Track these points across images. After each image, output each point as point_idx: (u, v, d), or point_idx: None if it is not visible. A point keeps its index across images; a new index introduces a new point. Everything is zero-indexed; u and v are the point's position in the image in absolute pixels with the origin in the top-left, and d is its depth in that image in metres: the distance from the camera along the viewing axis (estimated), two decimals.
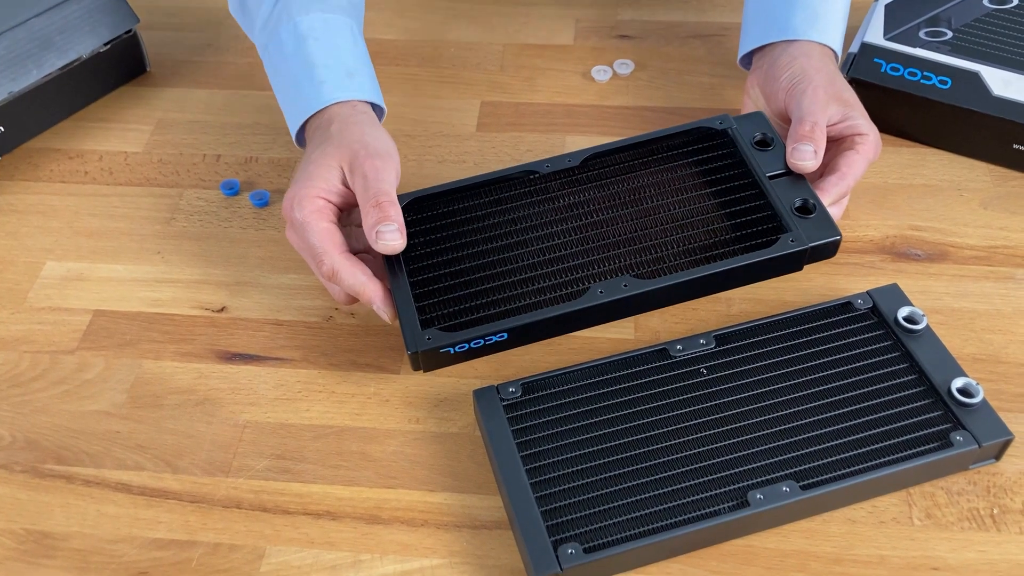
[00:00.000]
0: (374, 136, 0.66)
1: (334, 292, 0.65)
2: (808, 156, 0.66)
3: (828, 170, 0.68)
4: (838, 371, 0.61)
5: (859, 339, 0.63)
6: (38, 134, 0.84)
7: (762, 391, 0.60)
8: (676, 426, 0.58)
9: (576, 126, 0.83)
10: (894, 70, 0.78)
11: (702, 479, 0.56)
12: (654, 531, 0.54)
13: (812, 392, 0.60)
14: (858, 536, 0.57)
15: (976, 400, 0.58)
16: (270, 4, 0.72)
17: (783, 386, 0.60)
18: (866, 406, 0.59)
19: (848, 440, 0.57)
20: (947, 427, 0.58)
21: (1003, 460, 0.60)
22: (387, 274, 0.65)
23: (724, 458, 0.57)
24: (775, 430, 0.58)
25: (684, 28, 0.92)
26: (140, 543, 0.58)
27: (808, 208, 0.65)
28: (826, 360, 0.61)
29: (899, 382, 0.60)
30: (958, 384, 0.59)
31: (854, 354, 0.62)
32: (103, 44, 0.85)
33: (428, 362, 0.62)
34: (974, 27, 0.80)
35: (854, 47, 0.80)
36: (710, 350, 0.62)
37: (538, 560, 0.53)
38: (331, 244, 0.63)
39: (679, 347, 0.62)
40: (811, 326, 0.63)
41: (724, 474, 0.56)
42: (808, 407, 0.59)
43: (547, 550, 0.53)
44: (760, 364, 0.61)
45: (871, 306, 0.64)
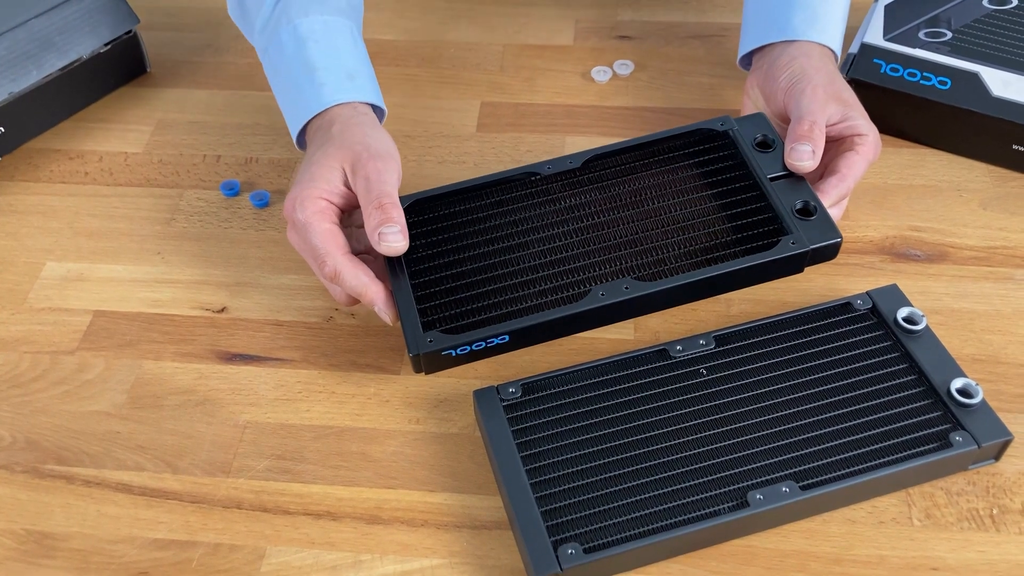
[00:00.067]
0: (375, 137, 0.66)
1: (335, 293, 0.65)
2: (806, 156, 0.66)
3: (828, 171, 0.68)
4: (838, 371, 0.61)
5: (859, 340, 0.63)
6: (38, 135, 0.84)
7: (762, 392, 0.60)
8: (676, 426, 0.59)
9: (576, 127, 0.83)
10: (894, 71, 0.78)
11: (702, 479, 0.56)
12: (654, 531, 0.54)
13: (812, 392, 0.60)
14: (858, 536, 0.57)
15: (975, 401, 0.58)
16: (269, 7, 0.72)
17: (783, 387, 0.60)
18: (866, 406, 0.59)
19: (848, 440, 0.57)
20: (946, 427, 0.58)
21: (1002, 460, 0.60)
22: (388, 276, 0.65)
23: (724, 458, 0.57)
24: (775, 430, 0.58)
25: (684, 29, 0.92)
26: (140, 543, 0.58)
27: (809, 210, 0.65)
28: (826, 361, 0.61)
29: (899, 382, 0.60)
30: (957, 384, 0.59)
31: (854, 355, 0.62)
32: (103, 45, 0.85)
33: (430, 364, 0.62)
34: (974, 28, 0.80)
35: (854, 47, 0.80)
36: (710, 351, 0.62)
37: (538, 560, 0.53)
38: (333, 245, 0.63)
39: (679, 347, 0.62)
40: (811, 327, 0.63)
41: (724, 474, 0.56)
42: (808, 407, 0.59)
43: (547, 550, 0.53)
44: (760, 365, 0.61)
45: (871, 307, 0.64)
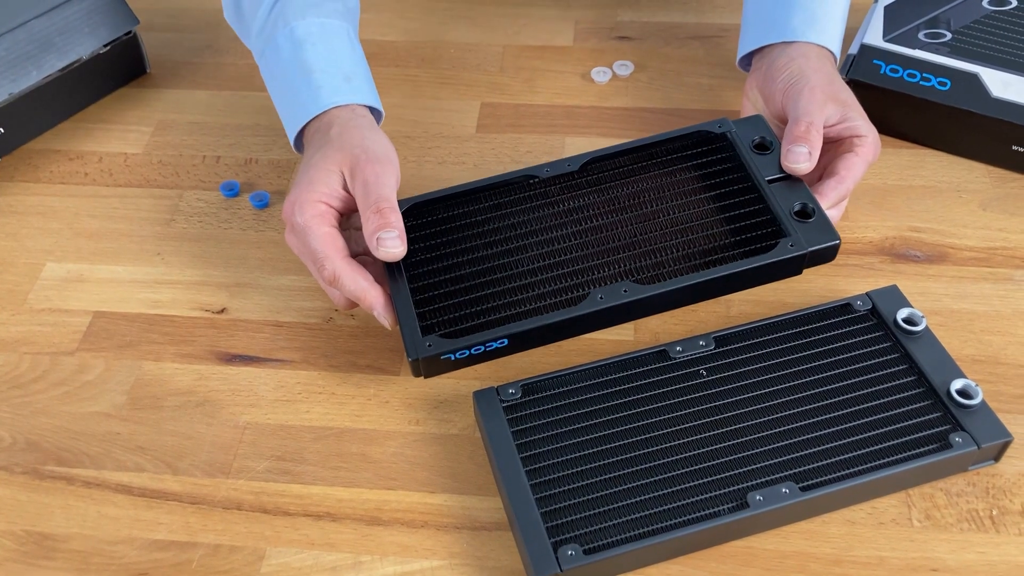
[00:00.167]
0: (374, 140, 0.66)
1: (334, 297, 0.65)
2: (802, 158, 0.66)
3: (827, 173, 0.68)
4: (837, 372, 0.61)
5: (858, 340, 0.63)
6: (38, 135, 0.84)
7: (762, 392, 0.60)
8: (676, 427, 0.59)
9: (576, 127, 0.83)
10: (893, 71, 0.78)
11: (702, 480, 0.56)
12: (654, 532, 0.54)
13: (811, 393, 0.60)
14: (857, 537, 0.57)
15: (975, 401, 0.58)
16: (266, 10, 0.72)
17: (783, 387, 0.60)
18: (865, 407, 0.59)
19: (847, 441, 0.57)
20: (946, 428, 0.58)
21: (1002, 461, 0.60)
22: (387, 279, 0.64)
23: (724, 459, 0.57)
24: (775, 431, 0.58)
25: (683, 29, 0.92)
26: (140, 544, 0.58)
27: (807, 212, 0.65)
28: (825, 361, 0.62)
29: (898, 383, 0.60)
30: (957, 385, 0.59)
31: (853, 355, 0.62)
32: (103, 45, 0.85)
33: (429, 368, 0.62)
34: (973, 29, 0.80)
35: (853, 48, 0.80)
36: (709, 351, 0.62)
37: (538, 561, 0.53)
38: (332, 249, 0.63)
39: (679, 348, 0.62)
40: (810, 328, 0.63)
41: (724, 475, 0.56)
42: (808, 408, 0.59)
43: (547, 551, 0.53)
44: (760, 366, 0.61)
45: (870, 307, 0.64)
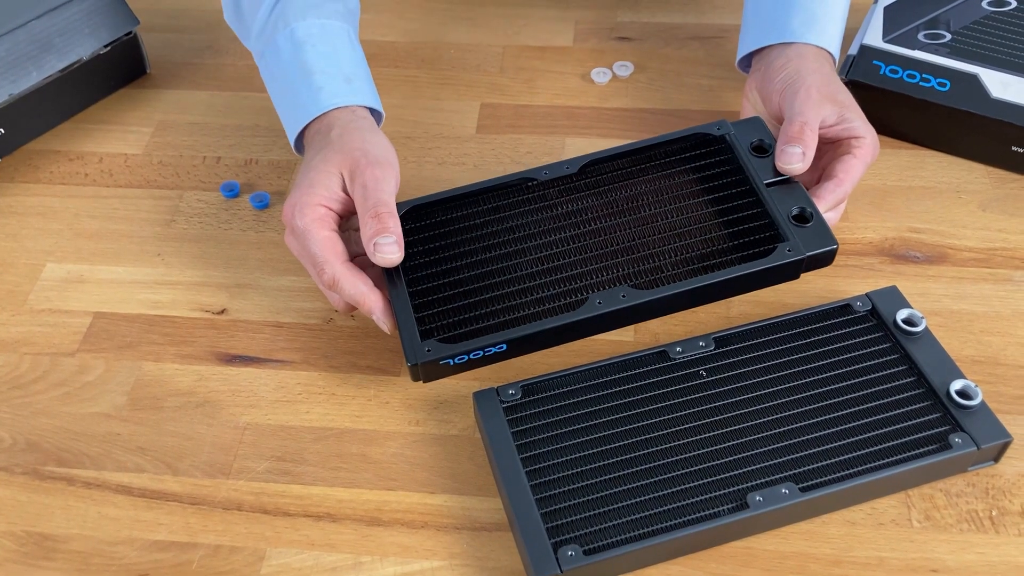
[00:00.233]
0: (374, 143, 0.66)
1: (334, 300, 0.65)
2: (795, 159, 0.66)
3: (825, 175, 0.68)
4: (837, 373, 0.61)
5: (858, 341, 0.63)
6: (38, 136, 0.85)
7: (761, 393, 0.60)
8: (675, 428, 0.59)
9: (576, 128, 0.83)
10: (893, 72, 0.78)
11: (701, 481, 0.56)
12: (654, 533, 0.54)
13: (811, 394, 0.60)
14: (857, 538, 0.57)
15: (975, 402, 0.58)
16: (266, 11, 0.72)
17: (782, 388, 0.60)
18: (865, 408, 0.59)
19: (847, 442, 0.57)
20: (946, 429, 0.58)
21: (1002, 462, 0.60)
22: (386, 282, 0.64)
23: (723, 460, 0.57)
24: (774, 432, 0.58)
25: (683, 30, 0.92)
26: (141, 545, 0.58)
27: (805, 217, 0.65)
28: (825, 362, 0.62)
29: (898, 384, 0.60)
30: (957, 386, 0.59)
31: (853, 356, 0.62)
32: (103, 46, 0.85)
33: (428, 373, 0.62)
34: (973, 29, 0.80)
35: (853, 49, 0.80)
36: (709, 352, 0.62)
37: (538, 562, 0.53)
38: (332, 254, 0.63)
39: (678, 349, 0.62)
40: (810, 328, 0.64)
41: (723, 476, 0.56)
42: (807, 409, 0.59)
43: (547, 552, 0.53)
44: (759, 366, 0.62)
45: (870, 308, 0.64)
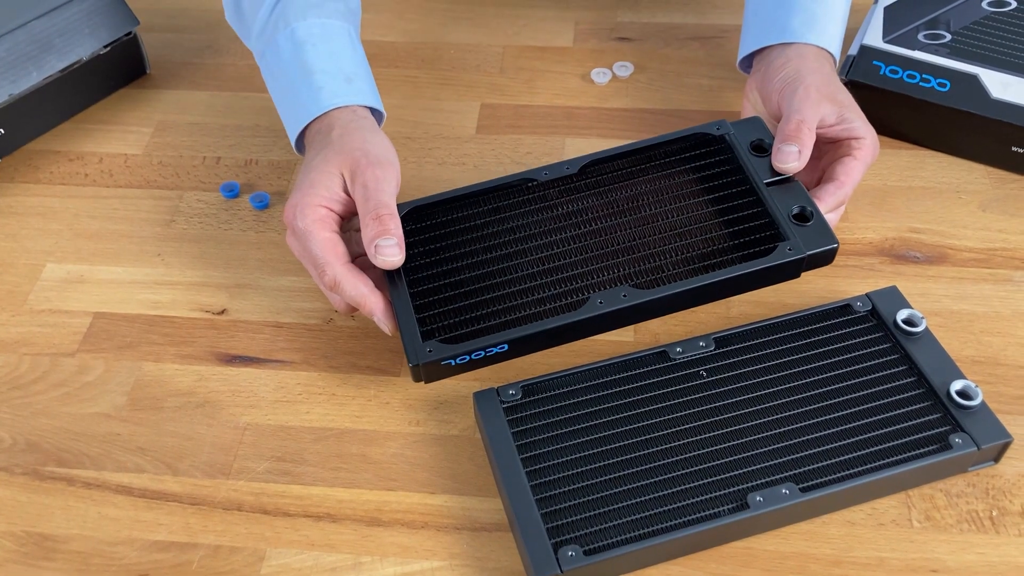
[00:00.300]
0: (375, 143, 0.66)
1: (335, 302, 0.65)
2: (791, 158, 0.66)
3: (826, 178, 0.68)
4: (837, 373, 0.61)
5: (858, 341, 0.63)
6: (38, 136, 0.84)
7: (762, 393, 0.60)
8: (676, 428, 0.59)
9: (576, 128, 0.83)
10: (893, 72, 0.78)
11: (702, 481, 0.56)
12: (654, 533, 0.54)
13: (812, 394, 0.60)
14: (857, 538, 0.57)
15: (975, 402, 0.58)
16: (266, 11, 0.71)
17: (783, 388, 0.60)
18: (865, 408, 0.59)
19: (847, 442, 0.57)
20: (946, 429, 0.58)
21: (1002, 462, 0.60)
22: (387, 283, 0.64)
23: (724, 460, 0.57)
24: (775, 432, 0.58)
25: (683, 30, 0.92)
26: (140, 545, 0.58)
27: (805, 216, 0.65)
28: (825, 362, 0.62)
29: (898, 384, 0.60)
30: (957, 386, 0.59)
31: (853, 356, 0.62)
32: (103, 46, 0.85)
33: (429, 374, 0.62)
34: (973, 30, 0.80)
35: (853, 49, 0.80)
36: (709, 352, 0.62)
37: (538, 562, 0.53)
38: (333, 255, 0.63)
39: (679, 349, 0.62)
40: (810, 328, 0.64)
41: (724, 476, 0.56)
42: (808, 409, 0.59)
43: (547, 552, 0.53)
44: (760, 366, 0.62)
45: (870, 308, 0.64)
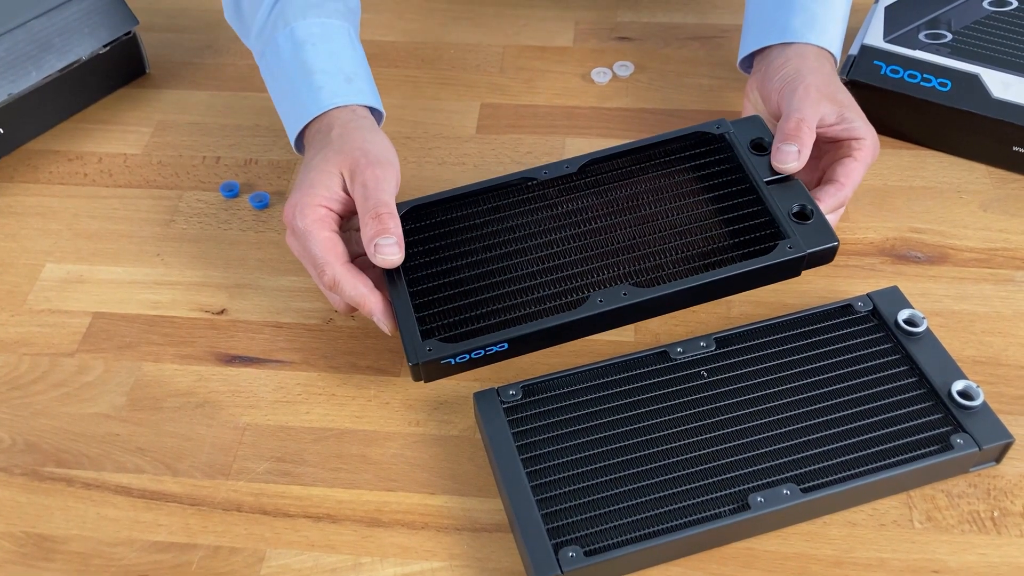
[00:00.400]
0: (375, 143, 0.66)
1: (334, 302, 0.65)
2: (790, 157, 0.66)
3: (826, 179, 0.68)
4: (838, 374, 0.61)
5: (859, 342, 0.63)
6: (37, 136, 0.84)
7: (762, 394, 0.60)
8: (676, 429, 0.58)
9: (576, 128, 0.83)
10: (894, 72, 0.78)
11: (702, 482, 0.56)
12: (655, 534, 0.54)
13: (812, 395, 0.60)
14: (858, 539, 0.57)
15: (976, 403, 0.58)
16: (266, 10, 0.71)
17: (783, 389, 0.60)
18: (866, 409, 0.59)
19: (848, 443, 0.57)
20: (947, 430, 0.58)
21: (1003, 463, 0.60)
22: (386, 283, 0.64)
23: (724, 461, 0.57)
24: (775, 432, 0.58)
25: (684, 30, 0.92)
26: (140, 546, 0.58)
27: (806, 214, 0.65)
28: (826, 363, 0.61)
29: (899, 385, 0.60)
30: (958, 387, 0.59)
31: (854, 357, 0.62)
32: (102, 46, 0.84)
33: (429, 373, 0.62)
34: (974, 29, 0.80)
35: (854, 49, 0.80)
36: (710, 353, 0.62)
37: (539, 563, 0.53)
38: (333, 255, 0.62)
39: (679, 350, 0.62)
40: (811, 329, 0.63)
41: (724, 477, 0.56)
42: (808, 410, 0.59)
43: (548, 553, 0.53)
44: (760, 367, 0.61)
45: (871, 309, 0.64)
